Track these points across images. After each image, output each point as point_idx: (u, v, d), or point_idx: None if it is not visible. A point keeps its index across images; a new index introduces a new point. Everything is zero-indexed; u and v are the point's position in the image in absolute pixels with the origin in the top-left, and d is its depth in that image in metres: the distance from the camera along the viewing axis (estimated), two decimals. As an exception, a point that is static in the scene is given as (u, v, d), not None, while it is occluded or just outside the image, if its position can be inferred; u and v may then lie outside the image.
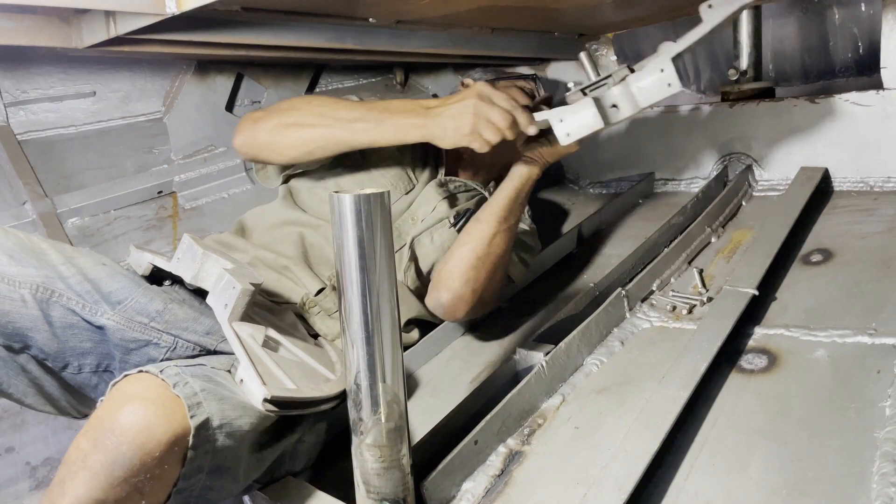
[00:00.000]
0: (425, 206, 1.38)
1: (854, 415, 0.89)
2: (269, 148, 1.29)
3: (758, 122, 1.81)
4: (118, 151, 1.65)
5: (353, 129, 1.22)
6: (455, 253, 1.27)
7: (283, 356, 0.97)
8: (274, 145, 1.28)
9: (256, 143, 1.30)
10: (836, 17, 2.51)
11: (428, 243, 1.35)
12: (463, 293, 1.24)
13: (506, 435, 1.00)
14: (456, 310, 1.26)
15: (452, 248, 1.29)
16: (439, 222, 1.36)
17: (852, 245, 1.37)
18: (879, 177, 1.64)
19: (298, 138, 1.26)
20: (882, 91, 1.61)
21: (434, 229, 1.36)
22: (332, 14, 1.44)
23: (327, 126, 1.24)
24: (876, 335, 1.04)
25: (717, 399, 1.00)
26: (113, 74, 1.63)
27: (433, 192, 1.39)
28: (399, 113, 1.20)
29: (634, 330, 1.25)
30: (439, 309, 1.27)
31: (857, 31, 2.49)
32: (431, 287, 1.29)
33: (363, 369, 0.77)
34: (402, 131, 1.19)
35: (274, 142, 1.28)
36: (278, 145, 1.28)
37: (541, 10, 1.62)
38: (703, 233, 1.55)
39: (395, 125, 1.20)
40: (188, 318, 1.06)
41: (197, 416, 0.80)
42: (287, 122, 1.27)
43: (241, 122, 1.33)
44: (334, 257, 0.76)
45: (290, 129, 1.27)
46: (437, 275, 1.29)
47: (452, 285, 1.24)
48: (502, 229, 1.27)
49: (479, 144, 1.14)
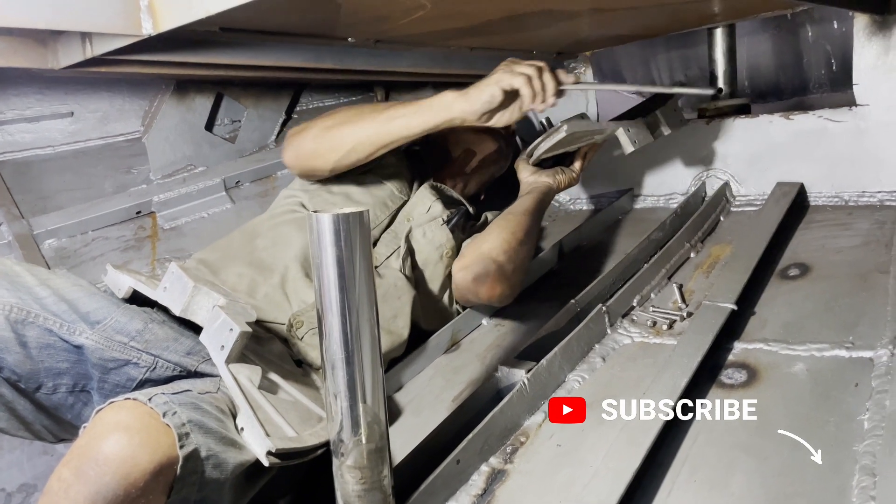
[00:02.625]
0: (420, 206, 1.45)
1: (833, 428, 0.90)
2: (316, 154, 1.34)
3: (734, 138, 1.83)
4: (96, 172, 1.63)
5: (391, 117, 1.29)
6: (494, 235, 1.38)
7: (280, 398, 0.97)
8: (319, 150, 1.33)
9: (303, 152, 1.35)
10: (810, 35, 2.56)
11: (420, 237, 1.41)
12: (501, 268, 1.33)
13: (488, 454, 0.99)
14: (492, 286, 1.32)
15: (490, 233, 1.39)
16: (433, 220, 1.43)
17: (829, 259, 1.39)
18: (854, 191, 1.66)
19: (340, 139, 1.31)
20: (854, 107, 1.64)
21: (427, 226, 1.42)
22: (311, 34, 1.45)
23: (367, 122, 1.30)
24: (853, 349, 1.05)
25: (697, 415, 1.00)
26: (91, 94, 1.62)
27: (427, 193, 1.47)
28: (434, 99, 1.28)
29: (615, 346, 1.25)
30: (479, 280, 1.33)
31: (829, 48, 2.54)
32: (467, 262, 1.36)
33: (343, 390, 0.77)
34: (437, 112, 1.27)
35: (319, 148, 1.33)
36: (323, 149, 1.33)
37: (519, 30, 1.63)
38: (682, 248, 1.57)
39: (430, 108, 1.27)
40: (168, 338, 1.05)
41: (186, 446, 0.79)
42: (328, 124, 1.33)
43: (285, 140, 1.39)
44: (314, 277, 0.76)
45: (331, 131, 1.32)
46: (475, 251, 1.37)
47: (497, 258, 1.33)
48: (532, 223, 1.44)
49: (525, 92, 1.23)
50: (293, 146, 1.37)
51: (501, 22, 1.52)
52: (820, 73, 2.60)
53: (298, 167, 1.40)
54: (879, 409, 0.90)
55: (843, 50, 2.42)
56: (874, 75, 1.60)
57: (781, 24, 2.57)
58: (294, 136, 1.38)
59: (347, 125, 1.31)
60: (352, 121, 1.31)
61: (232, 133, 1.87)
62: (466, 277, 1.36)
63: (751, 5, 1.66)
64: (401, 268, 1.37)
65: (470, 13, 1.39)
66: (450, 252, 1.43)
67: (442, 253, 1.42)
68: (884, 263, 1.31)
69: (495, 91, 1.23)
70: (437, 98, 1.28)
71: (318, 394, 1.07)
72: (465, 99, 1.25)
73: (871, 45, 1.59)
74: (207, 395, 0.92)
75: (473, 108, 1.24)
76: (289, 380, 1.02)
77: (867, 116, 1.62)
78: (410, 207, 1.46)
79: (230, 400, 0.94)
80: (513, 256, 1.36)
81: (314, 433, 0.91)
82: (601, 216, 1.93)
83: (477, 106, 1.24)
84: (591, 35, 1.85)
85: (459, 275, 1.38)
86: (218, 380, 0.99)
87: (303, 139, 1.35)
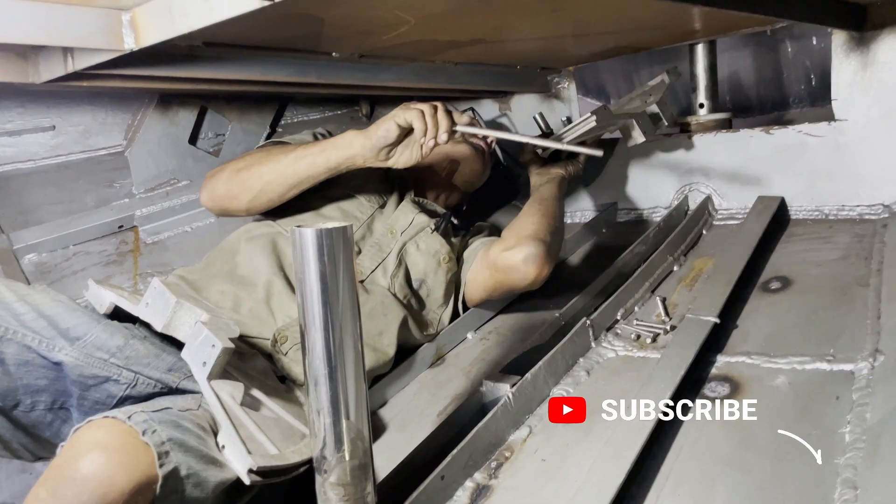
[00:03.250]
0: (403, 219, 1.46)
1: (815, 441, 0.90)
2: (229, 195, 1.36)
3: (716, 152, 1.85)
4: (78, 186, 1.62)
5: (298, 158, 1.31)
6: (534, 219, 1.46)
7: (262, 414, 0.96)
8: (232, 192, 1.35)
9: (217, 194, 1.37)
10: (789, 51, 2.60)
11: (415, 251, 1.43)
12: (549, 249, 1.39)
13: (473, 469, 0.99)
14: (539, 265, 1.36)
15: (528, 217, 1.47)
16: (421, 231, 1.45)
17: (809, 272, 1.40)
18: (834, 205, 1.68)
19: (250, 180, 1.33)
20: (833, 122, 1.66)
21: (418, 238, 1.45)
22: (295, 49, 1.45)
23: (275, 163, 1.32)
24: (834, 361, 1.06)
25: (681, 428, 1.00)
26: (73, 108, 1.61)
27: (409, 207, 1.49)
28: (337, 138, 1.32)
29: (600, 359, 1.25)
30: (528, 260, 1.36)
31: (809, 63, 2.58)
32: (513, 244, 1.40)
33: (326, 406, 0.76)
34: (339, 150, 1.30)
35: (231, 189, 1.35)
36: (235, 190, 1.35)
37: (502, 46, 1.64)
38: (665, 261, 1.57)
39: (333, 146, 1.30)
40: (150, 355, 1.04)
41: (166, 465, 0.79)
42: (239, 167, 1.36)
43: (203, 182, 1.40)
44: (296, 292, 0.75)
45: (241, 173, 1.34)
46: (519, 234, 1.42)
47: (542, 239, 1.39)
48: (561, 208, 1.57)
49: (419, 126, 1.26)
50: (208, 189, 1.39)
51: (484, 38, 1.53)
52: (799, 89, 2.63)
53: (215, 208, 1.41)
54: (860, 421, 0.90)
55: (822, 66, 2.45)
56: (852, 91, 1.62)
57: (761, 40, 2.61)
58: (209, 178, 1.40)
59: (257, 167, 1.34)
60: (261, 162, 1.34)
61: (216, 147, 1.86)
62: (515, 258, 1.37)
63: (731, 22, 1.68)
64: (389, 285, 1.37)
65: (453, 29, 1.40)
66: (447, 257, 1.45)
67: (439, 259, 1.44)
68: (863, 277, 1.32)
69: (391, 126, 1.25)
70: (340, 136, 1.32)
71: (302, 410, 1.06)
72: (364, 135, 1.28)
73: (849, 62, 1.61)
74: (188, 413, 0.91)
75: (371, 143, 1.27)
76: (272, 396, 1.01)
77: (846, 131, 1.64)
78: (392, 221, 1.46)
79: (212, 417, 0.93)
80: (555, 238, 1.45)
81: (297, 450, 0.90)
82: (585, 229, 1.94)
83: (374, 140, 1.27)
84: (574, 51, 1.87)
85: (505, 255, 1.39)
86: (199, 396, 0.98)
87: (216, 182, 1.37)
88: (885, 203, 1.61)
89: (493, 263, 1.42)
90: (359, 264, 1.37)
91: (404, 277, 1.41)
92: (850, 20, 1.54)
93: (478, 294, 1.48)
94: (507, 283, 1.43)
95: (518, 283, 1.41)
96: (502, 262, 1.40)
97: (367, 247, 1.40)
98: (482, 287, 1.46)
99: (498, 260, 1.41)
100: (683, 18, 1.58)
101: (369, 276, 1.37)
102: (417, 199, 1.56)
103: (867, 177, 1.64)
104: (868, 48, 1.58)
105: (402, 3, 1.17)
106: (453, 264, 1.47)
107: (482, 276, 1.46)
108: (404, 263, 1.42)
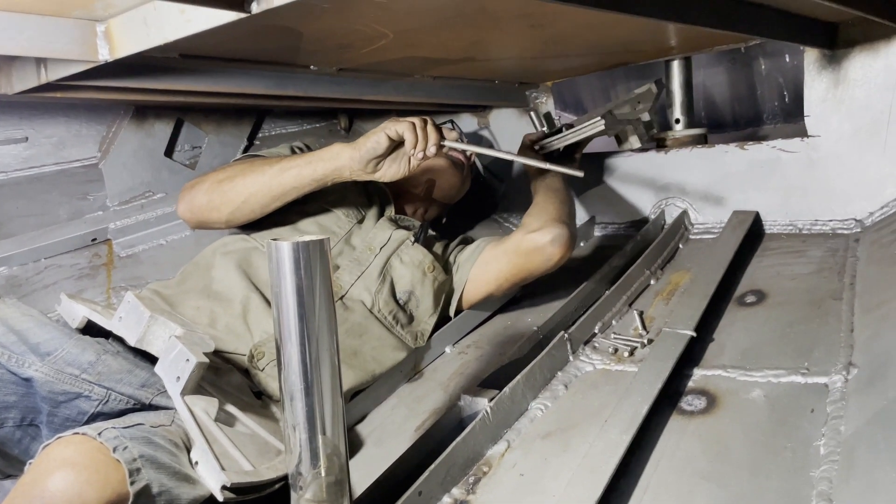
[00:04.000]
0: (381, 235, 1.45)
1: (790, 454, 0.91)
2: (210, 207, 1.33)
3: (692, 167, 1.87)
4: (51, 198, 1.60)
5: (284, 169, 1.30)
6: (553, 205, 1.52)
7: (237, 430, 0.94)
8: (213, 203, 1.33)
9: (196, 205, 1.34)
10: (763, 68, 2.65)
11: (399, 265, 1.42)
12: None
13: (450, 484, 0.98)
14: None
15: (546, 204, 1.53)
16: (401, 244, 1.44)
17: (784, 286, 1.42)
18: (807, 220, 1.70)
19: (233, 191, 1.31)
20: (806, 138, 1.69)
21: (400, 251, 1.44)
22: (274, 62, 1.44)
23: (259, 174, 1.30)
24: (808, 374, 1.07)
25: (658, 441, 1.00)
26: (46, 120, 1.58)
27: (385, 223, 1.48)
28: (324, 150, 1.31)
29: (578, 373, 1.25)
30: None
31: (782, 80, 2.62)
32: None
33: (302, 421, 0.75)
34: (327, 162, 1.29)
35: (212, 200, 1.33)
36: (217, 202, 1.32)
37: (480, 61, 1.65)
38: (642, 275, 1.58)
39: (320, 158, 1.29)
40: (122, 370, 1.03)
41: (137, 482, 0.77)
42: (220, 178, 1.33)
43: (180, 193, 1.38)
44: (272, 306, 0.74)
45: (223, 184, 1.32)
46: (543, 218, 1.47)
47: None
48: (571, 196, 1.63)
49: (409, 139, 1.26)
50: (186, 200, 1.36)
51: (463, 53, 1.53)
52: (773, 105, 2.68)
53: (193, 220, 1.39)
54: (835, 434, 0.91)
55: (795, 82, 2.50)
56: (824, 107, 1.65)
57: (736, 57, 2.66)
58: (188, 189, 1.37)
59: (240, 177, 1.32)
60: (245, 173, 1.32)
61: (192, 159, 1.85)
62: (542, 239, 1.43)
63: (706, 39, 1.70)
64: (372, 303, 1.36)
65: (432, 43, 1.41)
66: (431, 266, 1.45)
67: (424, 269, 1.44)
68: (837, 290, 1.34)
69: (381, 137, 1.26)
70: (327, 148, 1.31)
71: (278, 426, 1.05)
72: (353, 147, 1.28)
73: (821, 79, 1.64)
74: (161, 429, 0.89)
75: (360, 155, 1.27)
76: (247, 412, 1.00)
77: (818, 147, 1.67)
78: (371, 238, 1.45)
79: (185, 433, 0.92)
80: (573, 222, 1.54)
81: (272, 466, 0.89)
82: (563, 243, 1.94)
83: (362, 152, 1.27)
84: (552, 66, 1.88)
85: (531, 237, 1.44)
86: (173, 412, 0.97)
87: (196, 192, 1.35)
88: (858, 218, 1.64)
89: (515, 248, 1.46)
90: (337, 279, 1.36)
91: (389, 293, 1.39)
92: (822, 38, 1.57)
93: (486, 288, 1.50)
94: (527, 268, 1.46)
95: (541, 266, 1.45)
96: (527, 245, 1.44)
97: (345, 262, 1.39)
98: (495, 278, 1.48)
99: (522, 243, 1.45)
100: (660, 35, 1.61)
101: (349, 291, 1.36)
102: (394, 216, 1.55)
103: (839, 192, 1.66)
104: (840, 66, 1.61)
105: (380, 18, 1.17)
106: (439, 272, 1.47)
107: (496, 265, 1.48)
108: (389, 278, 1.41)
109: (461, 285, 1.51)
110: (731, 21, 1.20)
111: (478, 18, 1.23)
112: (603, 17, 1.25)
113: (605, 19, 1.31)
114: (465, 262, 1.52)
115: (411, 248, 1.45)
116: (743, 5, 1.23)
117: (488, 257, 1.49)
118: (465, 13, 1.19)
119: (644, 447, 0.99)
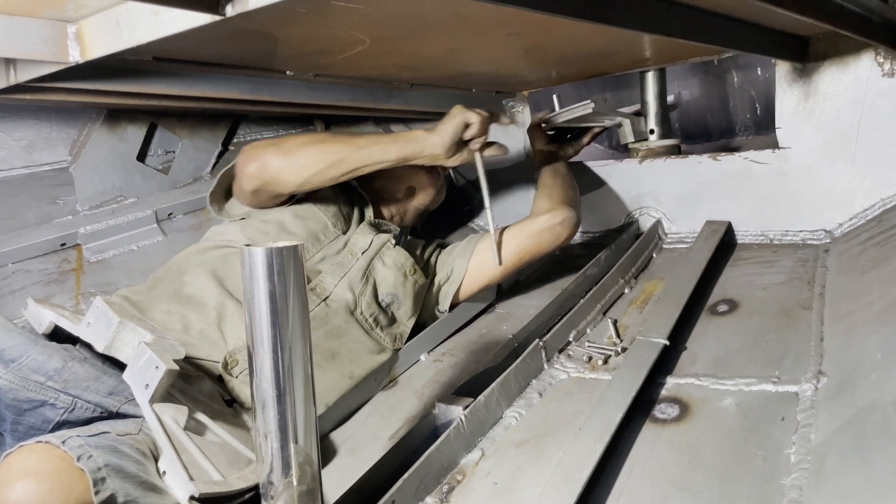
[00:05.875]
0: (362, 241, 1.47)
1: (762, 462, 0.92)
2: (285, 170, 1.34)
3: (666, 177, 1.89)
4: (19, 202, 1.57)
5: (369, 142, 1.37)
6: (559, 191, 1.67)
7: (207, 439, 0.93)
8: (290, 166, 1.34)
9: (271, 166, 1.34)
10: (736, 80, 2.69)
11: (381, 267, 1.44)
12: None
13: (424, 493, 0.97)
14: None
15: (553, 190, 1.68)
16: (383, 247, 1.47)
17: (755, 295, 1.43)
18: (778, 230, 1.73)
19: (314, 156, 1.34)
20: (778, 150, 1.71)
21: (382, 254, 1.46)
22: (249, 66, 1.43)
23: (342, 144, 1.36)
24: (779, 383, 1.08)
25: (632, 449, 1.00)
26: (16, 122, 1.56)
27: (366, 229, 1.50)
28: (408, 133, 1.41)
29: (552, 381, 1.25)
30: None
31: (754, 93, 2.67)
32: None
33: (274, 430, 0.74)
34: (413, 144, 1.38)
35: (289, 163, 1.34)
36: (294, 165, 1.33)
37: (457, 68, 1.66)
38: (616, 284, 1.59)
39: (405, 139, 1.39)
40: (89, 378, 1.00)
41: (102, 492, 0.76)
42: (302, 141, 1.36)
43: (246, 153, 1.36)
44: (244, 312, 0.73)
45: (305, 147, 1.34)
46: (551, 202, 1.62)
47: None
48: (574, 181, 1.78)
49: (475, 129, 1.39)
50: (259, 159, 1.34)
51: (440, 60, 1.54)
52: (745, 117, 2.72)
53: (260, 181, 1.36)
54: (805, 442, 0.92)
55: (767, 95, 2.55)
56: (795, 120, 1.68)
57: (709, 69, 2.70)
58: (259, 148, 1.36)
59: (320, 145, 1.36)
60: (325, 141, 1.37)
61: (165, 164, 1.83)
62: (553, 220, 1.58)
63: (680, 51, 1.72)
64: (355, 305, 1.36)
65: (408, 50, 1.41)
66: (412, 269, 1.48)
67: (405, 272, 1.46)
68: (807, 300, 1.36)
69: (459, 122, 1.37)
70: (411, 132, 1.40)
71: (249, 435, 1.03)
72: (437, 133, 1.38)
73: (792, 91, 1.67)
74: (127, 437, 0.88)
75: (443, 141, 1.37)
76: (218, 420, 0.98)
77: (789, 159, 1.70)
78: (352, 243, 1.46)
79: (153, 442, 0.90)
80: (578, 205, 1.68)
81: (242, 476, 0.87)
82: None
83: (446, 138, 1.37)
84: (528, 76, 1.89)
85: (542, 219, 1.58)
86: (141, 420, 0.95)
87: (271, 154, 1.34)
88: (827, 229, 1.67)
89: (528, 230, 1.57)
90: (321, 282, 1.36)
91: (371, 295, 1.40)
92: (793, 52, 1.60)
93: (486, 278, 1.57)
94: (535, 249, 1.57)
95: (549, 246, 1.58)
96: (538, 226, 1.57)
97: (327, 266, 1.39)
98: (507, 256, 1.55)
99: (534, 225, 1.57)
100: (636, 46, 1.62)
101: (333, 292, 1.36)
102: (375, 220, 1.57)
103: (810, 203, 1.69)
104: (810, 79, 1.64)
105: (357, 24, 1.16)
106: (420, 275, 1.49)
107: (506, 248, 1.56)
108: (372, 280, 1.42)
109: (459, 278, 1.56)
110: (705, 33, 1.21)
111: (455, 26, 1.24)
112: (580, 27, 1.26)
113: (583, 29, 1.32)
114: (461, 255, 1.58)
115: (393, 251, 1.47)
116: (717, 18, 1.24)
117: (488, 245, 1.55)
118: (442, 20, 1.19)
119: (618, 455, 0.99)
